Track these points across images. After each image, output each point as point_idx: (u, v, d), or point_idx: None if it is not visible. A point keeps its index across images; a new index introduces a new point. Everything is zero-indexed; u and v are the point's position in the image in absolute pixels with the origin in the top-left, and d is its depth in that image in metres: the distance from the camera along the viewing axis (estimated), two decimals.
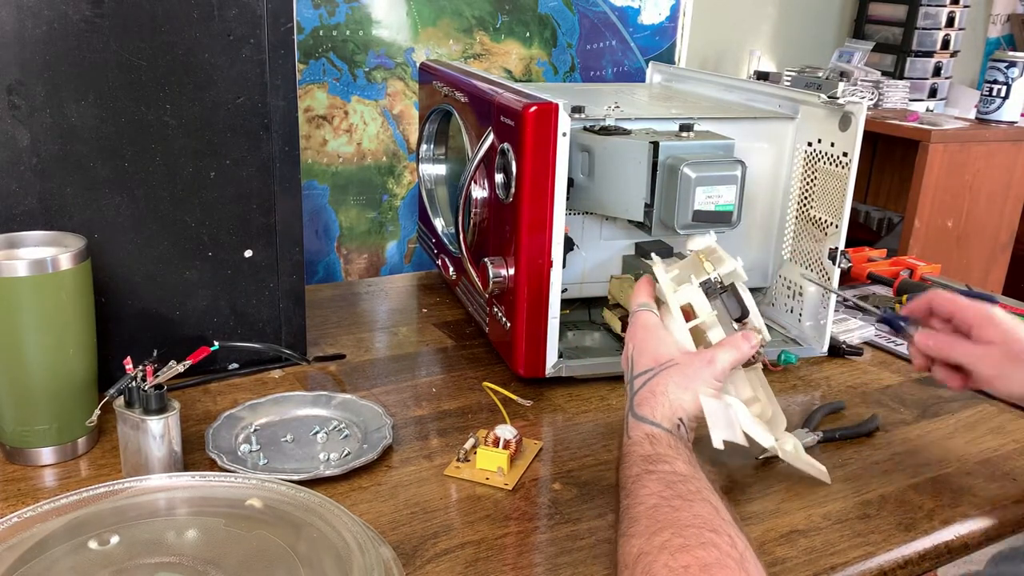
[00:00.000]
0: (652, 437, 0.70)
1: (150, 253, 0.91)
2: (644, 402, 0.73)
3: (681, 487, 0.63)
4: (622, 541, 0.61)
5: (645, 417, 0.72)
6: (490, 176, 0.98)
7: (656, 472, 0.65)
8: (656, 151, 0.92)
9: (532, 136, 0.88)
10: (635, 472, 0.66)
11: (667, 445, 0.69)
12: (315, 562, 0.63)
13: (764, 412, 0.81)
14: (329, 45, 1.50)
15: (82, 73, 0.84)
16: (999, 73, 2.40)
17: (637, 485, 0.64)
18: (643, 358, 0.76)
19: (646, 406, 0.73)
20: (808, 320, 1.07)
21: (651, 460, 0.67)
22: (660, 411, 0.72)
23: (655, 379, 0.74)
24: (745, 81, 1.20)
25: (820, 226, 1.03)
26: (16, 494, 0.76)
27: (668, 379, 0.74)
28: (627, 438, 0.72)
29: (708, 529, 0.58)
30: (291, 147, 0.94)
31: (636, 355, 0.77)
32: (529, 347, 0.95)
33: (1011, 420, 0.96)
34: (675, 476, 0.64)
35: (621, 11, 1.77)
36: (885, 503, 0.79)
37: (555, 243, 0.92)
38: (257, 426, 0.86)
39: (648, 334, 0.78)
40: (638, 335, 0.78)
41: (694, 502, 0.61)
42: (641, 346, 0.77)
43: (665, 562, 0.55)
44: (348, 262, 1.64)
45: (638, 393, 0.74)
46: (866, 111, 0.97)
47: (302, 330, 1.02)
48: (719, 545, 0.56)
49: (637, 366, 0.76)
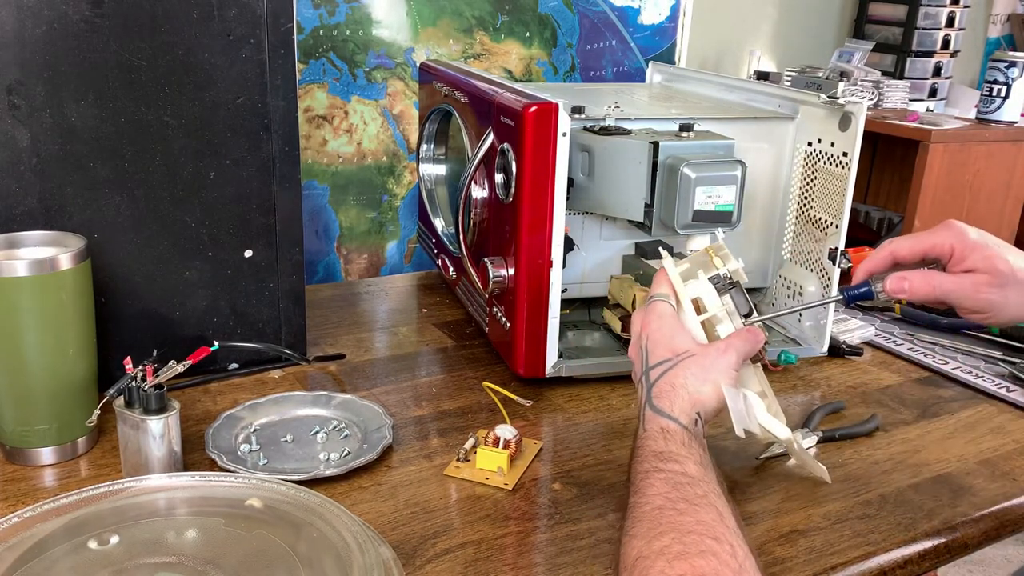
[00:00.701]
0: (666, 432, 0.68)
1: (150, 253, 0.91)
2: (663, 395, 0.71)
3: (688, 490, 0.62)
4: (624, 540, 0.60)
5: (663, 410, 0.70)
6: (490, 176, 0.98)
7: (665, 471, 0.64)
8: (656, 151, 0.92)
9: (532, 136, 0.88)
10: (645, 468, 0.65)
11: (680, 443, 0.67)
12: (315, 562, 0.63)
13: (771, 408, 0.80)
14: (329, 45, 1.50)
15: (82, 73, 0.84)
16: (999, 73, 2.40)
17: (645, 483, 0.64)
18: (659, 348, 0.74)
19: (665, 399, 0.71)
20: (808, 320, 1.08)
21: (662, 457, 0.66)
22: (679, 404, 0.71)
23: (673, 371, 0.73)
24: (745, 81, 1.20)
25: (820, 226, 1.03)
26: (16, 494, 0.76)
27: (686, 371, 0.72)
28: (642, 431, 0.70)
29: (710, 536, 0.57)
30: (291, 147, 0.94)
31: (651, 345, 0.75)
32: (529, 347, 0.95)
33: (1011, 420, 0.96)
34: (684, 477, 0.63)
35: (621, 11, 1.77)
36: (885, 503, 0.79)
37: (555, 243, 0.92)
38: (257, 426, 0.86)
39: (664, 324, 0.75)
40: (652, 324, 0.76)
41: (699, 507, 0.60)
42: (656, 336, 0.75)
43: (661, 569, 0.55)
44: (348, 262, 1.64)
45: (656, 385, 0.73)
46: (866, 111, 0.97)
47: (302, 330, 1.02)
48: (718, 554, 0.55)
49: (653, 356, 0.74)
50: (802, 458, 0.81)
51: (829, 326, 1.04)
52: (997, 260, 0.74)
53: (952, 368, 1.08)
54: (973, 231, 0.77)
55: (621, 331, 1.03)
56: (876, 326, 1.20)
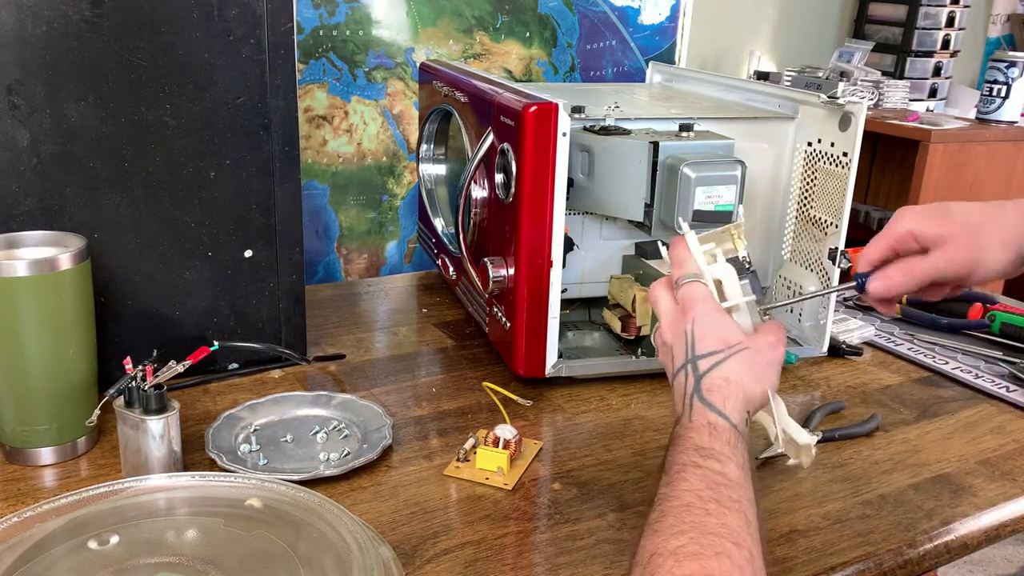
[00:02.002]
0: (714, 427, 0.66)
1: (150, 253, 0.91)
2: (716, 388, 0.68)
3: (723, 491, 0.60)
4: (646, 532, 0.59)
5: (714, 405, 0.67)
6: (490, 176, 0.98)
7: (704, 468, 0.62)
8: (656, 151, 0.92)
9: (532, 136, 0.88)
10: (683, 461, 0.63)
11: (726, 441, 0.65)
12: (315, 562, 0.63)
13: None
14: (329, 45, 1.50)
15: (82, 73, 0.84)
16: (999, 73, 2.40)
17: (680, 476, 0.62)
18: (708, 337, 0.69)
19: (718, 393, 0.68)
20: (808, 320, 1.07)
21: (703, 453, 0.64)
22: (732, 401, 0.67)
23: (727, 364, 0.69)
24: (745, 81, 1.20)
25: (820, 226, 1.03)
26: (16, 494, 0.76)
27: (741, 366, 0.68)
28: (687, 420, 0.67)
29: (730, 541, 0.56)
30: (291, 147, 0.94)
31: (698, 332, 0.70)
32: (529, 347, 0.95)
33: (1011, 420, 0.96)
34: (722, 478, 0.61)
35: (621, 11, 1.77)
36: (885, 503, 0.79)
37: (555, 243, 0.92)
38: (257, 426, 0.86)
39: (709, 309, 0.70)
40: (698, 309, 0.70)
41: (729, 511, 0.58)
42: (704, 322, 0.70)
43: (670, 568, 0.54)
44: (348, 262, 1.64)
45: (707, 377, 0.68)
46: (866, 111, 0.97)
47: (302, 330, 1.02)
48: (734, 557, 0.54)
49: (701, 345, 0.69)
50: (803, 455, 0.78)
51: (829, 326, 1.04)
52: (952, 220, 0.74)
53: (952, 368, 1.08)
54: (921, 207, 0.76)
55: (621, 331, 1.03)
56: (876, 326, 1.20)
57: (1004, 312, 1.17)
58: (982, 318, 1.18)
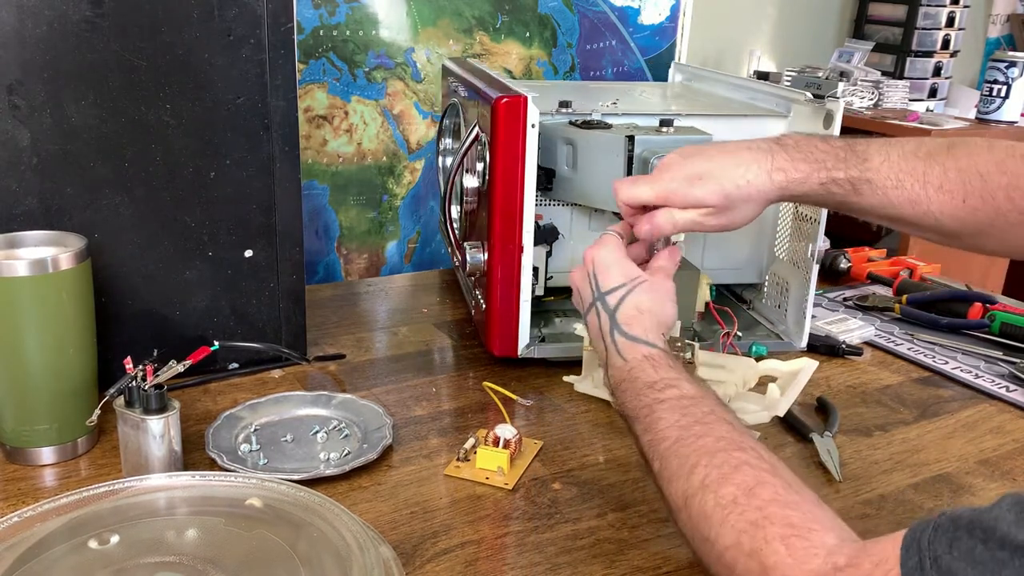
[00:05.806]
0: (651, 359, 0.68)
1: (150, 253, 0.91)
2: (633, 321, 0.71)
3: (695, 410, 0.62)
4: (663, 484, 0.60)
5: (638, 337, 0.70)
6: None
7: (666, 400, 0.64)
8: (632, 144, 0.94)
9: (503, 126, 0.91)
10: (645, 402, 0.65)
11: (667, 366, 0.68)
12: (315, 562, 0.63)
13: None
14: (329, 45, 1.50)
15: (82, 73, 0.84)
16: (999, 73, 2.40)
17: (652, 418, 0.64)
18: (610, 274, 0.75)
19: (636, 325, 0.71)
20: (791, 315, 1.08)
21: (657, 387, 0.66)
22: (652, 329, 0.71)
23: (633, 295, 0.73)
24: (753, 81, 1.23)
25: (807, 222, 1.04)
26: (16, 494, 0.76)
27: (647, 295, 0.73)
28: (621, 361, 0.70)
29: (735, 449, 0.58)
30: (291, 147, 0.94)
31: (599, 271, 0.75)
32: (502, 328, 0.99)
33: (1011, 420, 0.96)
34: (686, 400, 0.64)
35: (621, 11, 1.77)
36: (885, 503, 0.79)
37: (526, 229, 0.95)
38: (257, 426, 0.86)
39: (610, 253, 0.77)
40: (600, 254, 0.77)
41: (712, 424, 0.61)
42: (605, 262, 0.76)
43: (714, 500, 0.55)
44: (348, 262, 1.64)
45: (620, 311, 0.73)
46: (843, 108, 0.98)
47: (302, 330, 1.02)
48: (751, 462, 0.56)
49: (604, 282, 0.75)
50: None
51: (808, 321, 1.05)
52: (687, 168, 0.77)
53: (952, 368, 1.08)
54: (661, 163, 0.80)
55: None
56: (876, 326, 1.20)
57: (1004, 312, 1.17)
58: (982, 318, 1.19)
